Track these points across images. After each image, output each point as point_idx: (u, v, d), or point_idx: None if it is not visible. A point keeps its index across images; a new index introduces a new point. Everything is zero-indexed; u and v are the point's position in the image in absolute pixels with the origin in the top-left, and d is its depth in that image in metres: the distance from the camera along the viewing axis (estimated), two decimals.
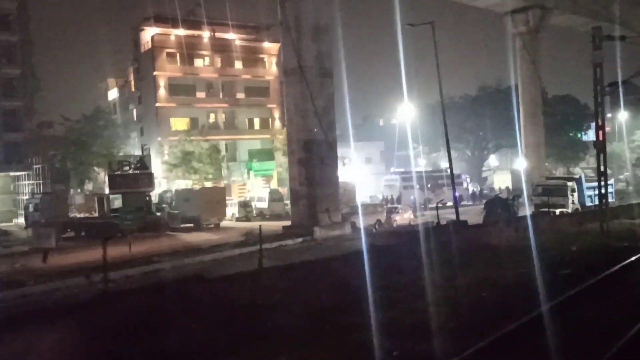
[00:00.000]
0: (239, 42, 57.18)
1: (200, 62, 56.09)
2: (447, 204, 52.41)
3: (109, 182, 40.65)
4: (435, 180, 53.69)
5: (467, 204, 52.30)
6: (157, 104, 53.19)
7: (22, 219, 44.33)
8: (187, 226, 38.70)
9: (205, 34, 55.91)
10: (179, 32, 54.06)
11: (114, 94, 63.98)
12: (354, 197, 47.98)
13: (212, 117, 57.13)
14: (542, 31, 48.55)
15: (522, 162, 50.35)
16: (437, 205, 27.16)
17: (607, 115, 78.81)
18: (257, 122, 59.18)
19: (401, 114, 60.63)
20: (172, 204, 41.66)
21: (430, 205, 48.63)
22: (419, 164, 67.96)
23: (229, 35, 56.93)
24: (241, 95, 57.80)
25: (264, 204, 45.61)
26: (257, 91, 58.30)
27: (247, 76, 57.57)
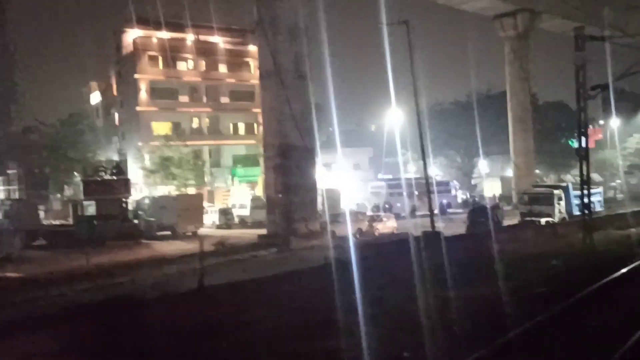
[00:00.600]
0: (224, 46, 56.02)
1: (183, 66, 54.88)
2: (435, 211, 51.38)
3: (84, 188, 39.34)
4: (423, 187, 52.55)
5: (456, 211, 51.19)
6: (138, 108, 51.94)
7: None
8: (163, 234, 37.45)
9: (189, 37, 54.73)
10: (161, 35, 52.84)
11: (97, 98, 62.67)
12: (338, 204, 46.90)
13: (195, 122, 55.90)
14: (531, 35, 47.71)
15: (511, 169, 49.33)
16: (415, 213, 25.97)
17: (600, 122, 78.94)
18: (242, 127, 57.96)
19: (389, 120, 59.56)
20: (149, 211, 40.36)
21: (418, 213, 47.63)
22: (408, 171, 66.91)
23: (214, 38, 55.78)
24: (226, 99, 56.61)
25: (246, 212, 44.35)
26: (242, 95, 57.10)
27: (232, 80, 56.37)
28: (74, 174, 49.20)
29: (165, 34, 53.14)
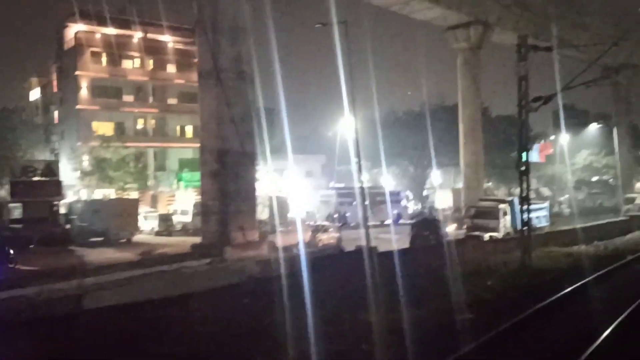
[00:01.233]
0: (174, 45, 54.00)
1: (129, 64, 52.56)
2: (386, 222, 50.59)
3: (11, 189, 36.84)
4: (373, 197, 51.73)
5: (407, 222, 50.53)
6: (79, 106, 49.35)
7: None
8: (96, 240, 35.27)
9: (136, 34, 52.51)
10: (107, 31, 50.49)
11: (36, 94, 59.56)
12: (286, 212, 45.51)
13: (140, 123, 53.59)
14: (483, 48, 47.50)
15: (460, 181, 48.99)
16: (341, 225, 24.82)
17: (551, 137, 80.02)
18: (189, 129, 55.85)
19: (343, 127, 58.67)
20: (82, 215, 38.04)
21: (368, 223, 46.66)
22: (361, 180, 65.94)
23: (164, 37, 53.67)
24: (173, 100, 54.52)
25: (188, 218, 42.44)
26: (191, 97, 54.85)
27: (180, 81, 54.31)
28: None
29: (110, 30, 50.81)
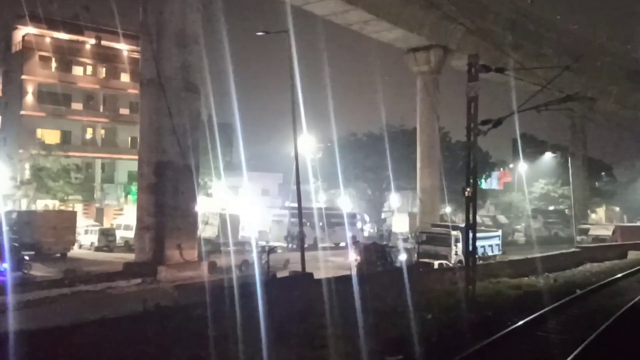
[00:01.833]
0: (128, 54, 52.12)
1: (80, 70, 50.43)
2: (341, 244, 49.32)
3: None
4: (328, 218, 50.52)
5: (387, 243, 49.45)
6: (23, 112, 46.90)
7: None
8: (27, 254, 32.86)
9: (90, 41, 50.55)
10: (58, 35, 48.38)
11: None
12: (237, 230, 43.84)
13: (89, 132, 51.29)
14: (443, 72, 47.29)
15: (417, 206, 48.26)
16: (268, 250, 23.55)
17: (510, 165, 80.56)
18: None
19: (300, 146, 57.44)
20: (15, 227, 35.59)
21: (321, 245, 45.31)
22: (318, 200, 64.91)
23: (118, 44, 51.79)
24: (125, 110, 52.45)
25: (131, 233, 40.33)
26: None
27: (134, 90, 52.25)
28: None
29: (62, 35, 48.73)
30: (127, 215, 48.17)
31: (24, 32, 48.17)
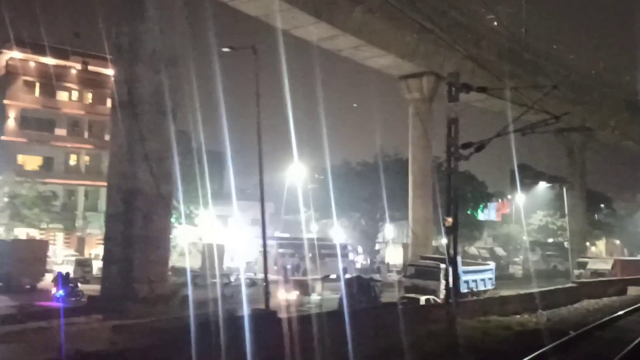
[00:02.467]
0: None
1: (65, 96, 49.38)
2: (331, 276, 47.55)
3: None
4: (318, 249, 48.82)
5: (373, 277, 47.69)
6: (4, 137, 45.70)
7: None
8: None
9: (76, 66, 49.65)
10: (43, 60, 47.45)
11: None
12: (221, 261, 42.35)
13: (72, 159, 49.97)
14: (436, 100, 46.18)
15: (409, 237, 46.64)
16: (222, 285, 21.95)
17: (508, 196, 79.01)
18: None
19: (292, 175, 56.21)
20: None
21: (311, 277, 43.55)
22: (310, 230, 63.27)
23: (106, 70, 50.78)
24: None
25: None
26: None
27: None
28: None
29: (48, 60, 47.79)
30: None
31: (8, 56, 47.32)
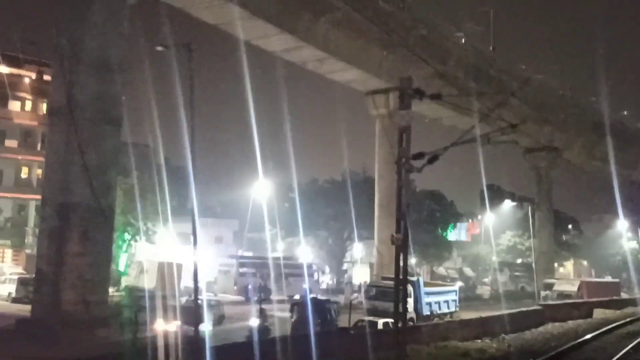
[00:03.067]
0: None
1: (17, 106, 47.24)
2: (295, 297, 45.89)
3: None
4: (283, 269, 47.14)
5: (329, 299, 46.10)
6: None
7: None
8: None
9: (31, 75, 47.66)
10: None
11: None
12: (175, 280, 40.39)
13: (24, 171, 47.66)
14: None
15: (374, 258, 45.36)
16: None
17: (479, 216, 78.51)
18: None
19: (257, 192, 54.59)
20: None
21: (276, 297, 41.87)
22: (276, 249, 61.57)
23: None
24: None
25: None
26: None
27: None
28: None
29: (0, 68, 45.75)
30: None
31: None
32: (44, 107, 48.41)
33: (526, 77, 51.17)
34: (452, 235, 73.29)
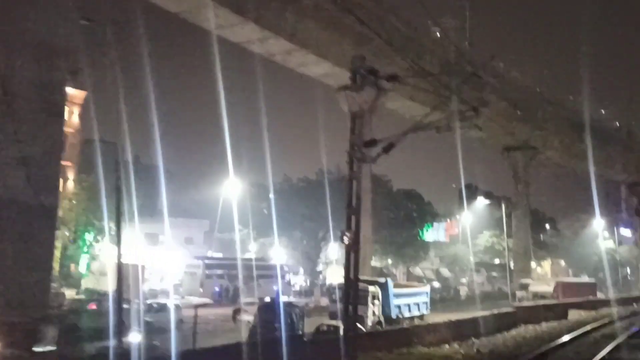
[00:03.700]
0: None
1: None
2: (267, 299, 44.36)
3: None
4: (249, 270, 45.53)
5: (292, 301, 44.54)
6: None
7: None
8: None
9: None
10: None
11: None
12: (137, 284, 38.55)
13: None
14: (377, 113, 43.88)
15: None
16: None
17: (457, 216, 77.53)
18: None
19: (227, 191, 52.85)
20: None
21: (246, 299, 40.30)
22: (248, 250, 59.84)
23: None
24: None
25: None
26: None
27: None
28: None
29: None
30: None
31: None
32: None
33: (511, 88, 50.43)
34: (430, 235, 72.23)
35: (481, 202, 65.74)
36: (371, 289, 26.74)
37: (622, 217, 77.41)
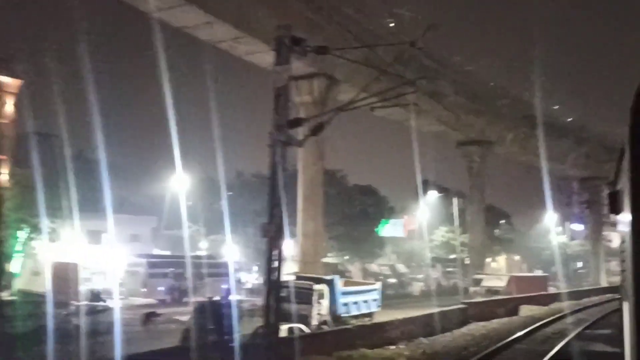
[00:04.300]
0: None
1: None
2: (215, 298, 42.59)
3: None
4: (198, 268, 43.57)
5: (241, 299, 42.86)
6: None
7: None
8: None
9: None
10: None
11: None
12: (74, 284, 36.59)
13: None
14: (328, 104, 42.55)
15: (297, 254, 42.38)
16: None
17: (414, 212, 77.05)
18: None
19: (174, 187, 50.74)
20: None
21: (193, 299, 38.42)
22: (199, 248, 57.81)
23: None
24: None
25: None
26: None
27: None
28: None
29: None
30: None
31: None
32: None
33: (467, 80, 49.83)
34: (388, 231, 71.54)
35: (434, 196, 65.25)
36: (317, 287, 25.34)
37: (574, 211, 78.49)
